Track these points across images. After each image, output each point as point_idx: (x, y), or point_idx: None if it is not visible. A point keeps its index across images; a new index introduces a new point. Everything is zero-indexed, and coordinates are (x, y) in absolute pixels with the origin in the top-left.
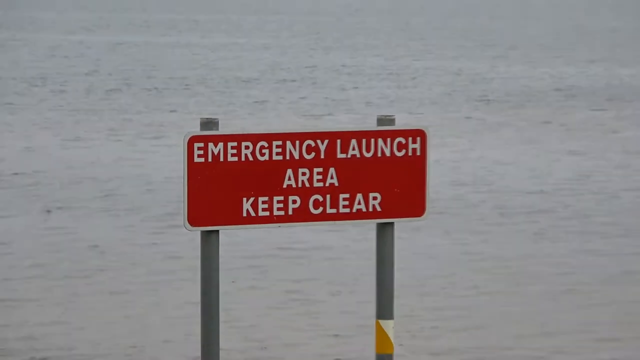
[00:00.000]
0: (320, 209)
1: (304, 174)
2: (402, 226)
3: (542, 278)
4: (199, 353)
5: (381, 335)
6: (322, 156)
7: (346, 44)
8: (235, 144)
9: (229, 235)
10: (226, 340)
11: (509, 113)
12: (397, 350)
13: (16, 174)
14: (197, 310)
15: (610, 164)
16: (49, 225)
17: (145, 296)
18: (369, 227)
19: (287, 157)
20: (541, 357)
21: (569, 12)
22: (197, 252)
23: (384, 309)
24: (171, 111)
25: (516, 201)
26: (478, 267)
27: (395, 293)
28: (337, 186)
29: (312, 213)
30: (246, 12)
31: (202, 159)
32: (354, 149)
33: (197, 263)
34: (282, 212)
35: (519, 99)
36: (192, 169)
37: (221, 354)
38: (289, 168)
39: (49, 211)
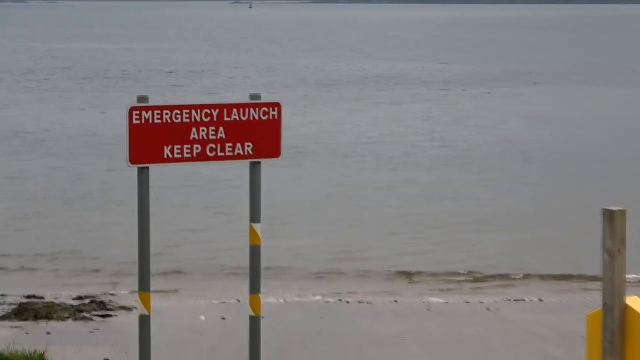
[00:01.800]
0: (214, 153)
1: (203, 130)
2: (272, 166)
3: (369, 197)
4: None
5: (253, 233)
6: (215, 119)
7: (231, 48)
8: (159, 111)
9: (160, 175)
10: (155, 239)
11: (337, 92)
12: (263, 243)
13: (25, 132)
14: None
15: (405, 124)
16: (52, 165)
17: (114, 215)
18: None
19: (192, 120)
20: (370, 246)
21: (382, 26)
22: (152, 184)
23: (255, 215)
24: (122, 92)
25: (349, 147)
26: (325, 189)
27: (264, 205)
28: (224, 138)
29: (208, 155)
30: (167, 26)
31: (138, 121)
32: (235, 115)
33: (152, 192)
34: (189, 155)
35: (342, 83)
36: (132, 128)
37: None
38: (194, 127)
39: None
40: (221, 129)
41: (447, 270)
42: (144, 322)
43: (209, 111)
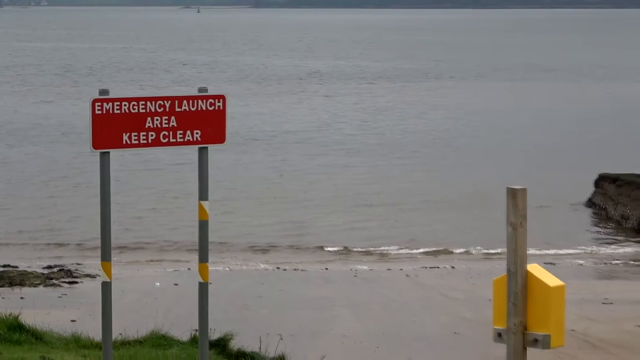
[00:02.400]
0: (167, 139)
1: (157, 120)
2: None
3: (308, 179)
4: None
5: (201, 209)
6: (167, 110)
7: (182, 48)
8: (118, 103)
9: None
10: (119, 216)
11: (278, 86)
12: (213, 219)
13: (4, 122)
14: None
15: (338, 114)
16: (26, 151)
17: (84, 196)
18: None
19: (148, 111)
20: (307, 219)
21: (320, 28)
22: (118, 166)
23: (203, 194)
24: (89, 85)
25: (290, 135)
26: (269, 173)
27: (215, 187)
28: (175, 127)
29: (162, 141)
30: (127, 29)
31: (100, 112)
32: (185, 106)
33: (119, 174)
34: (145, 141)
35: (282, 78)
36: (94, 117)
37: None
38: (149, 117)
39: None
40: (173, 118)
41: (372, 242)
42: (106, 288)
43: (162, 103)
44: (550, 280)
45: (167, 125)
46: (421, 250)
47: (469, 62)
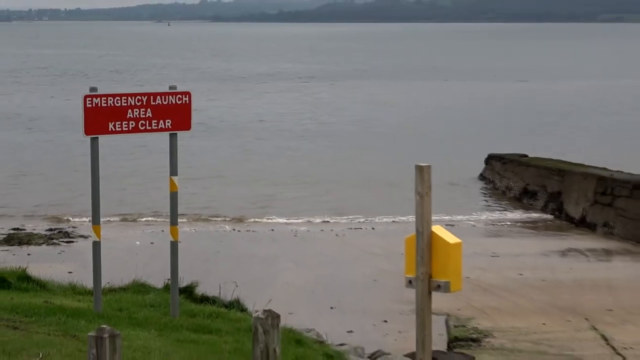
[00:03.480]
0: (144, 127)
1: (136, 111)
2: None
3: (262, 160)
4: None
5: (172, 183)
6: (144, 103)
7: (157, 54)
8: (105, 98)
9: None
10: (106, 194)
11: (234, 85)
12: (180, 191)
13: (17, 114)
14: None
15: (284, 107)
16: (30, 139)
17: (69, 171)
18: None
19: (129, 104)
20: (271, 195)
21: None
22: (106, 149)
23: (173, 170)
24: (83, 84)
25: (246, 125)
26: (230, 155)
27: (185, 165)
28: (151, 117)
29: (140, 129)
30: (111, 39)
31: (90, 105)
32: (158, 100)
33: (106, 150)
34: (126, 129)
35: (237, 78)
36: (86, 110)
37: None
38: (129, 109)
39: None
40: (149, 110)
41: (312, 211)
42: (96, 246)
43: (140, 98)
44: (450, 238)
45: (144, 116)
46: (349, 216)
47: (388, 65)
